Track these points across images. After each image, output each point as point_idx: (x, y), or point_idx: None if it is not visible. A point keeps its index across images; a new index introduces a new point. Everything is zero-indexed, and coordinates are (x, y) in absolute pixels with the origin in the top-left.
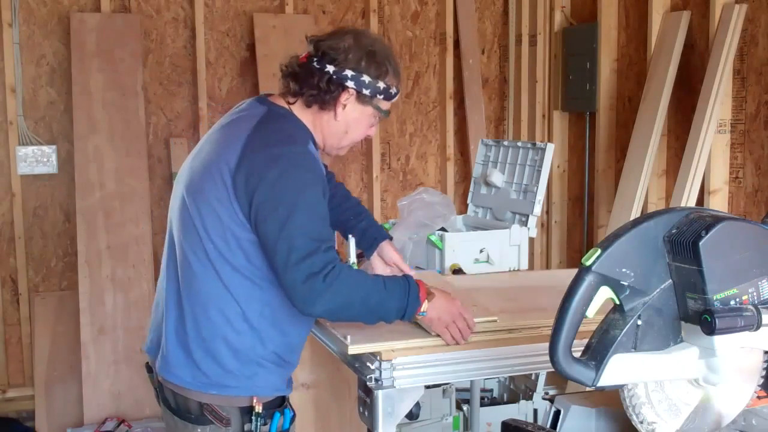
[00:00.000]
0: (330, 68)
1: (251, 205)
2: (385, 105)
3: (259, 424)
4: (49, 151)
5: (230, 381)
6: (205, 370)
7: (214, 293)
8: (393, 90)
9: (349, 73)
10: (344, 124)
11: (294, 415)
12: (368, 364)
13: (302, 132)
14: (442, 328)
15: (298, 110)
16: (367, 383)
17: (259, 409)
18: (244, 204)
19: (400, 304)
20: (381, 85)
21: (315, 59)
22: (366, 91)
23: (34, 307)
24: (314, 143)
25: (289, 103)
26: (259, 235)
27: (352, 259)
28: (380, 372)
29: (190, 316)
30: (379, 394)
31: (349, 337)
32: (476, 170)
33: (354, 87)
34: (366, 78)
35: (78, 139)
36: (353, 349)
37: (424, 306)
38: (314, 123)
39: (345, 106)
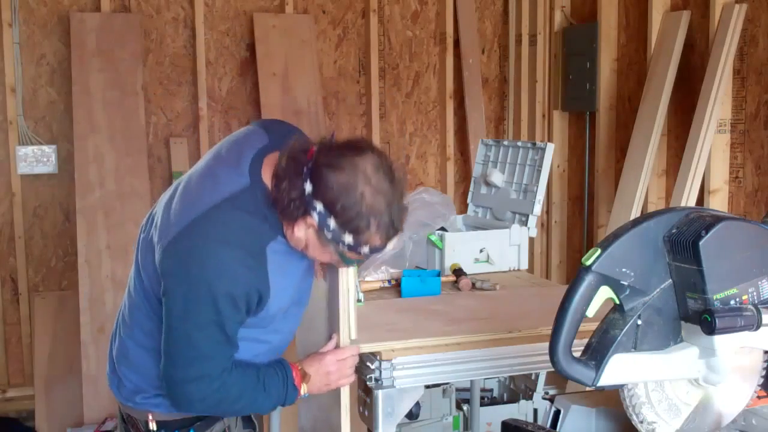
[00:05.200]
0: (308, 187)
1: (160, 272)
2: (351, 255)
3: None
4: (49, 150)
5: (135, 396)
6: (122, 380)
7: (140, 317)
8: (363, 249)
9: (318, 205)
10: (303, 243)
11: None
12: (368, 364)
13: (260, 231)
14: (331, 388)
15: None
16: (367, 383)
17: (153, 426)
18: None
19: (277, 399)
20: (347, 238)
21: (307, 166)
22: (327, 234)
23: (34, 306)
24: (283, 234)
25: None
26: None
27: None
28: (380, 372)
29: (127, 334)
30: (379, 394)
31: None
32: (476, 170)
33: (316, 222)
34: (332, 223)
35: (78, 139)
36: None
37: (303, 389)
38: None
39: (306, 230)
